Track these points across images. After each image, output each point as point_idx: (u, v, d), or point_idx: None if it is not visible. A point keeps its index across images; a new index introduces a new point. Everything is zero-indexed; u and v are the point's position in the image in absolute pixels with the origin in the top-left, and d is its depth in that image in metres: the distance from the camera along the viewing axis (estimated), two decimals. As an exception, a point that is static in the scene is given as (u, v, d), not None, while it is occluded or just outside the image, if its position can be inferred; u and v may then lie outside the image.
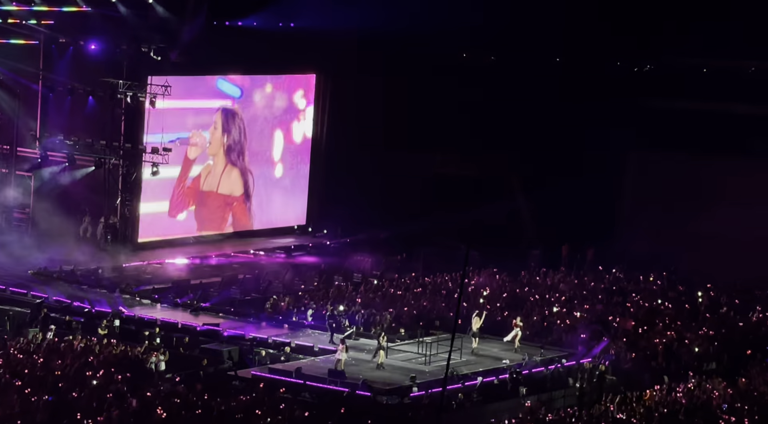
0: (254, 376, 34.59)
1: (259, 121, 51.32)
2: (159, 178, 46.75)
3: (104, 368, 32.40)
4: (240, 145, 50.58)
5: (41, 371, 31.59)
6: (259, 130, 51.34)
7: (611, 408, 32.42)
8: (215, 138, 49.62)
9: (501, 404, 33.51)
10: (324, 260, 48.33)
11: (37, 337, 35.58)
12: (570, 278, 45.66)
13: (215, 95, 49.69)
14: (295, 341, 37.76)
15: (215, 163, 49.90)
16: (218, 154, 49.93)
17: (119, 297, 41.18)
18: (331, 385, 33.85)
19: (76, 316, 38.49)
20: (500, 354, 37.72)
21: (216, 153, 49.85)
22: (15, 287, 40.98)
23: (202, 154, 49.34)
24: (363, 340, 38.45)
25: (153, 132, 46.51)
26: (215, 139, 49.62)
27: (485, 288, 43.18)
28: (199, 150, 49.21)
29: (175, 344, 36.87)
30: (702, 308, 42.43)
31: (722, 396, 33.55)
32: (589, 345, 37.94)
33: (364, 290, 42.76)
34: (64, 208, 47.14)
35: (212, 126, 49.47)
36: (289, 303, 40.75)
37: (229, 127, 49.97)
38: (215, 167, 49.91)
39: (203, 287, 42.65)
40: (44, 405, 28.78)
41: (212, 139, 49.50)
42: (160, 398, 30.17)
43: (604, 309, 41.45)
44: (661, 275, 46.30)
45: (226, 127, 49.86)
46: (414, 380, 34.59)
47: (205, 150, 49.44)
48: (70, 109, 47.70)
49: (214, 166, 49.86)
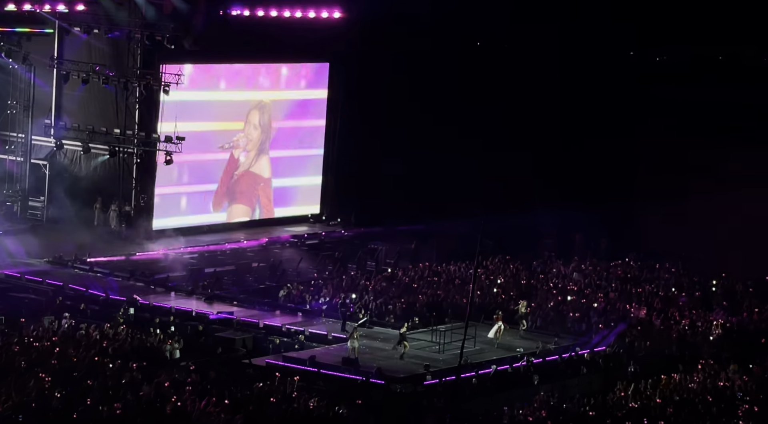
0: (268, 364, 34.68)
1: (274, 111, 51.36)
2: (175, 165, 46.86)
3: (119, 355, 32.53)
4: (266, 134, 50.78)
5: (57, 359, 31.72)
6: (274, 119, 51.39)
7: (625, 396, 32.42)
8: (251, 130, 50.05)
9: (514, 392, 33.50)
10: (337, 248, 48.38)
11: (53, 325, 35.72)
12: (583, 266, 45.62)
13: (235, 85, 49.82)
14: (309, 329, 37.83)
15: (249, 151, 50.45)
16: (253, 142, 50.49)
17: (134, 285, 41.30)
18: (345, 373, 33.90)
19: (91, 304, 38.61)
20: (514, 343, 37.71)
21: (252, 144, 50.43)
22: (30, 275, 41.12)
23: (243, 150, 50.30)
24: (377, 328, 38.50)
25: (168, 120, 46.59)
26: (251, 132, 50.05)
27: (499, 277, 43.18)
28: (241, 149, 49.96)
29: (189, 332, 36.96)
30: (716, 296, 42.35)
31: (737, 384, 33.51)
32: (603, 333, 37.93)
33: (378, 279, 42.83)
34: (79, 196, 47.29)
35: (246, 118, 49.88)
36: (303, 291, 40.81)
37: (261, 119, 50.29)
38: (249, 154, 50.51)
39: (217, 275, 42.75)
40: (60, 393, 28.90)
41: (248, 131, 49.92)
42: (174, 385, 30.26)
43: (618, 298, 41.42)
44: (675, 263, 46.23)
45: (259, 119, 50.23)
46: (428, 369, 34.64)
47: (246, 145, 50.10)
48: (85, 98, 47.80)
49: (249, 153, 50.45)
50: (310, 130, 52.85)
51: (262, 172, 51.16)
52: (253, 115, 50.31)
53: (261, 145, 50.83)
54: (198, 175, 49.35)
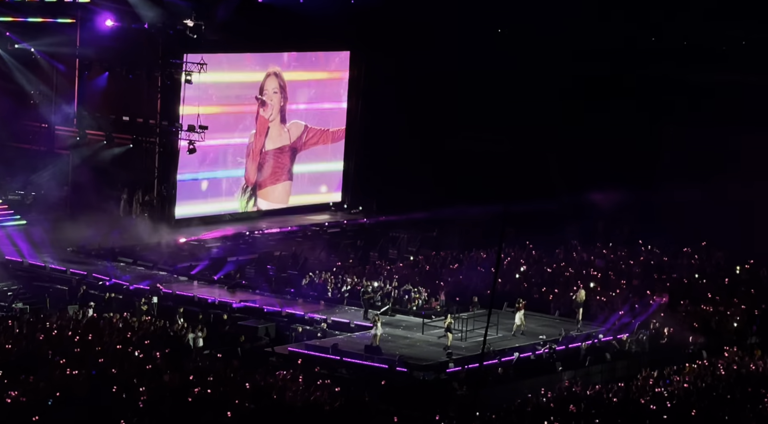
0: (291, 352, 34.76)
1: (294, 98, 51.36)
2: (197, 155, 46.97)
3: (143, 344, 32.67)
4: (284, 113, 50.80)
5: (81, 348, 31.88)
6: (294, 107, 51.41)
7: (649, 383, 32.35)
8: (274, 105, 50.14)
9: (538, 379, 33.47)
10: (359, 236, 48.40)
11: (78, 314, 35.90)
12: (606, 253, 45.48)
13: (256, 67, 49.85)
14: (331, 318, 37.88)
15: (272, 120, 50.50)
16: (275, 110, 50.48)
17: (157, 274, 41.45)
18: (367, 361, 33.94)
19: (114, 293, 38.78)
20: (537, 330, 37.65)
21: (274, 112, 50.40)
22: (54, 265, 41.32)
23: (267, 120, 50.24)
24: (399, 316, 38.51)
25: (191, 110, 46.65)
26: (271, 97, 50.09)
27: (521, 264, 43.12)
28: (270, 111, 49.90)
29: (212, 321, 37.08)
30: (741, 282, 42.14)
31: (761, 370, 33.37)
32: (627, 320, 37.83)
33: (400, 266, 42.83)
34: (102, 186, 47.40)
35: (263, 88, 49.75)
36: (325, 280, 40.86)
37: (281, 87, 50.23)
38: (273, 122, 50.51)
39: (240, 263, 42.84)
40: (84, 381, 29.06)
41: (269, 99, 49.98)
42: (197, 374, 30.37)
43: (641, 284, 41.29)
44: (699, 249, 46.02)
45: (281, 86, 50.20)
46: (450, 356, 34.63)
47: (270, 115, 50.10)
48: (107, 88, 47.91)
49: (272, 121, 50.49)
50: (332, 121, 52.82)
51: (283, 145, 50.93)
52: (270, 82, 50.00)
53: (281, 113, 50.56)
54: (221, 160, 49.38)
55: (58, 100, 48.51)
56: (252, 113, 49.88)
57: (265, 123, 50.24)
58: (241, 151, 49.81)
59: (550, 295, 40.27)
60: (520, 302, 37.83)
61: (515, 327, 37.19)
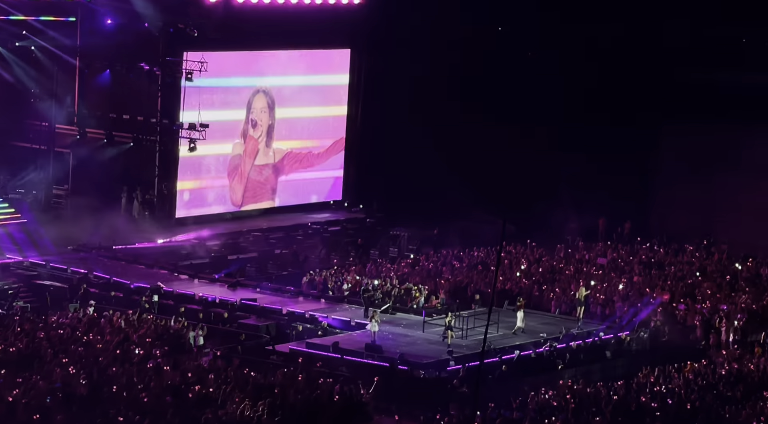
0: (292, 350, 34.76)
1: (294, 98, 51.34)
2: (196, 154, 46.94)
3: (143, 342, 32.67)
4: (276, 122, 50.76)
5: (82, 346, 31.88)
6: (295, 106, 51.38)
7: (650, 381, 32.34)
8: (262, 119, 49.97)
9: (538, 377, 33.47)
10: (360, 235, 48.38)
11: (78, 312, 35.90)
12: (607, 251, 45.46)
13: (253, 72, 49.81)
14: (332, 316, 37.87)
15: (260, 140, 50.32)
16: (263, 132, 50.32)
17: (158, 272, 41.43)
18: (368, 359, 33.94)
19: (115, 291, 38.78)
20: (538, 328, 37.64)
21: (262, 132, 50.26)
22: (55, 263, 41.33)
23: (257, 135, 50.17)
24: (399, 314, 38.51)
25: (191, 108, 46.64)
26: (261, 119, 49.95)
27: (522, 262, 43.10)
28: (259, 131, 49.85)
29: (213, 319, 37.08)
30: (741, 280, 42.14)
31: (762, 369, 33.37)
32: (627, 318, 37.82)
33: (400, 265, 42.84)
34: (103, 184, 47.41)
35: (251, 105, 49.60)
36: (326, 278, 40.86)
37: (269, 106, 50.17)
38: (261, 143, 50.31)
39: (240, 262, 42.83)
40: (84, 379, 29.05)
41: (258, 118, 49.80)
42: (198, 372, 30.36)
43: (642, 282, 41.27)
44: (700, 247, 46.01)
45: (269, 105, 50.07)
46: (451, 354, 34.63)
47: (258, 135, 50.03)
48: (108, 86, 47.91)
49: (260, 141, 50.28)
50: (332, 119, 52.76)
51: (274, 161, 50.83)
52: (258, 100, 49.98)
53: (269, 132, 50.47)
54: (219, 166, 49.31)
55: (58, 99, 48.51)
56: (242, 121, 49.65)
57: (255, 144, 50.00)
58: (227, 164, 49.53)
59: (550, 293, 40.26)
60: (520, 301, 37.83)
61: (516, 327, 37.17)
